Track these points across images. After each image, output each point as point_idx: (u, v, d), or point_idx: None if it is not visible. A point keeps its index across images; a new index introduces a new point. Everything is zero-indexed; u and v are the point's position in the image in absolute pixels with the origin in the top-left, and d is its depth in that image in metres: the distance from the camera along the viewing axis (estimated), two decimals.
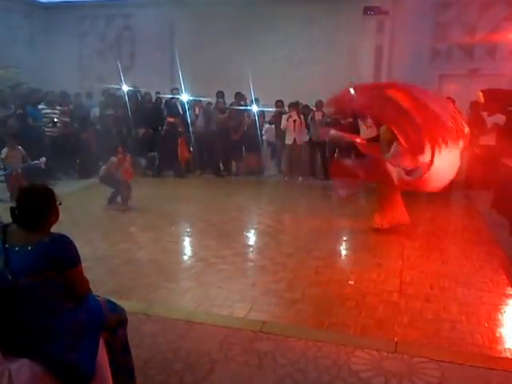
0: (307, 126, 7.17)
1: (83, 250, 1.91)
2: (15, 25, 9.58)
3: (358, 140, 4.42)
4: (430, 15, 8.43)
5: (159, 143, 7.08)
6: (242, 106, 7.34)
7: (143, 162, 7.33)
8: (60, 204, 1.72)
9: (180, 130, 7.15)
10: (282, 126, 7.06)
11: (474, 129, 6.41)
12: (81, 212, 5.02)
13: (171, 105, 7.43)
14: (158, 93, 7.80)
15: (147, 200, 5.96)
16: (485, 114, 6.35)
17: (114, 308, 1.82)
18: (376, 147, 4.36)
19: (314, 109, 7.25)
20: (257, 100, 7.37)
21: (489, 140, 6.18)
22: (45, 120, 6.47)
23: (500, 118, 6.17)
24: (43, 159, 5.53)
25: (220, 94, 7.43)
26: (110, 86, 8.16)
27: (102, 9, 9.95)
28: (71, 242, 1.67)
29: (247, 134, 7.28)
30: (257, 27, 8.89)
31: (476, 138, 6.38)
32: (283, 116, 7.09)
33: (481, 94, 6.87)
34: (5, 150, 5.48)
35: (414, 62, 8.26)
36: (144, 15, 9.68)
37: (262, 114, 7.52)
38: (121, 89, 7.73)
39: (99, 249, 3.81)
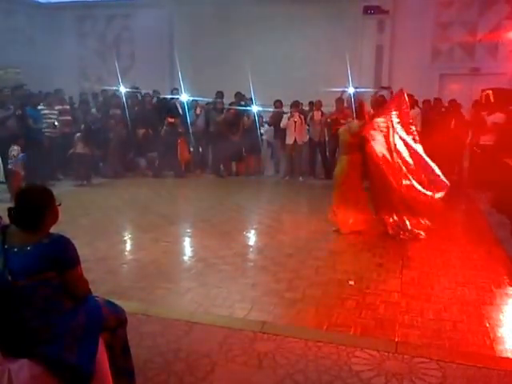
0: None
1: (83, 250, 1.91)
2: (15, 25, 9.59)
3: None
4: (430, 14, 8.43)
5: (159, 143, 7.08)
6: (242, 105, 7.33)
7: (143, 162, 7.35)
8: (59, 205, 1.72)
9: (180, 130, 7.15)
10: (282, 126, 7.05)
11: (475, 128, 6.42)
12: (80, 212, 5.02)
13: (171, 105, 7.42)
14: (157, 92, 7.80)
15: (147, 200, 5.96)
16: (484, 113, 6.34)
17: (114, 308, 1.82)
18: None
19: (314, 108, 7.24)
20: (255, 100, 7.36)
21: (488, 139, 6.17)
22: (44, 121, 6.47)
23: (499, 118, 6.15)
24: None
25: (219, 94, 7.42)
26: (106, 87, 8.15)
27: (102, 9, 9.97)
28: (70, 242, 1.67)
29: (247, 135, 7.27)
30: (257, 27, 8.89)
31: (476, 138, 6.38)
32: (284, 115, 7.08)
33: (490, 92, 6.81)
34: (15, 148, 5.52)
35: (415, 61, 8.26)
36: (143, 15, 9.68)
37: (261, 114, 7.51)
38: (118, 90, 7.73)
39: (99, 249, 3.80)
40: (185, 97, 7.50)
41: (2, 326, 1.58)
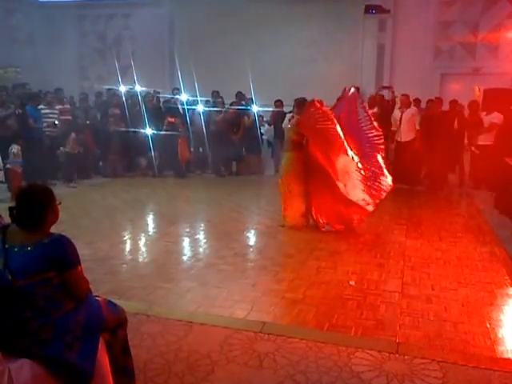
0: None
1: (83, 250, 1.91)
2: (15, 24, 9.59)
3: None
4: (431, 14, 8.41)
5: (159, 143, 7.08)
6: (242, 105, 7.32)
7: (143, 161, 7.34)
8: (59, 204, 1.71)
9: (180, 129, 7.14)
10: (284, 126, 7.04)
11: (472, 128, 6.41)
12: (80, 212, 5.01)
13: (171, 104, 7.42)
14: (157, 92, 7.78)
15: (147, 200, 5.96)
16: (483, 113, 6.33)
17: (114, 308, 1.82)
18: None
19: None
20: (255, 100, 7.34)
21: (486, 139, 6.16)
22: (44, 120, 6.47)
23: (497, 118, 6.14)
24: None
25: (215, 94, 7.41)
26: (109, 86, 8.14)
27: (102, 8, 9.96)
28: (71, 242, 1.66)
29: (247, 134, 7.25)
30: (257, 26, 8.88)
31: (474, 138, 6.37)
32: (287, 115, 7.07)
33: (476, 88, 6.81)
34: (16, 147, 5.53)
35: (416, 60, 8.24)
36: (144, 15, 9.68)
37: (261, 113, 7.50)
38: (118, 89, 7.72)
39: (99, 249, 3.80)
40: (185, 96, 7.49)
41: (2, 326, 1.57)
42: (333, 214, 4.29)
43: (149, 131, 7.01)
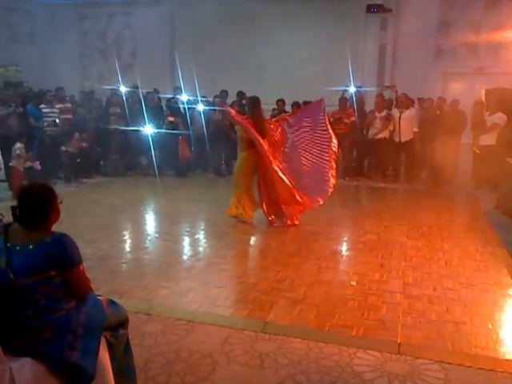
0: None
1: (84, 249, 1.90)
2: (16, 23, 9.59)
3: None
4: (433, 13, 8.39)
5: (160, 142, 7.07)
6: (242, 104, 7.30)
7: (144, 161, 7.34)
8: (61, 203, 1.71)
9: (181, 128, 7.13)
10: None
11: (476, 128, 6.40)
12: (81, 211, 5.01)
13: (172, 104, 7.41)
14: (157, 91, 7.77)
15: (147, 199, 5.96)
16: (486, 113, 6.32)
17: (116, 308, 1.82)
18: None
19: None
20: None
21: (488, 140, 6.14)
22: (45, 119, 6.46)
23: (500, 118, 6.12)
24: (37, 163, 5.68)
25: (224, 93, 7.38)
26: (109, 86, 8.13)
27: (103, 7, 9.95)
28: (72, 241, 1.66)
29: None
30: (258, 25, 8.86)
31: (476, 138, 6.36)
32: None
33: (483, 92, 6.81)
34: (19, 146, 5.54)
35: (418, 60, 8.22)
36: (145, 14, 9.66)
37: None
38: (119, 88, 7.72)
39: (100, 248, 3.80)
40: (185, 96, 7.48)
41: (3, 325, 1.57)
42: (279, 210, 4.43)
43: (149, 130, 7.00)
